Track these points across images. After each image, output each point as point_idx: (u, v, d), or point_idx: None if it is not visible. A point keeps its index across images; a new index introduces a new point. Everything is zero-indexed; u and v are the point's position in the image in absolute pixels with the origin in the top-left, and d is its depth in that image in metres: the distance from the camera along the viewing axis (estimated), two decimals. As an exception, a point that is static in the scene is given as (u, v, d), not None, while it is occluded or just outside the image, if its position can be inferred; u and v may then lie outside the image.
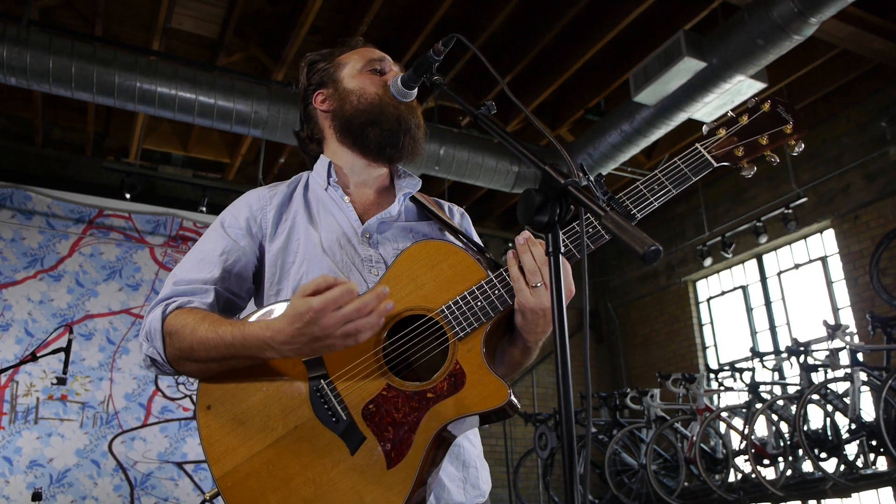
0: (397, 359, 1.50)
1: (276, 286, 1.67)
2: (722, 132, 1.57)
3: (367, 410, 1.46)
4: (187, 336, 1.50)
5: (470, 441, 1.67)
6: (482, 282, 1.50)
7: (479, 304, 1.48)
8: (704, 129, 1.58)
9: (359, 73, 1.81)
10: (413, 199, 1.82)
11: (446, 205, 1.91)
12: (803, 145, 1.58)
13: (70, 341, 4.95)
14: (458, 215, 1.91)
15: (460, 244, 1.64)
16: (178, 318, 1.54)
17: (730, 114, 1.59)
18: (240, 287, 1.69)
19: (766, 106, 1.58)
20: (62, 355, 4.84)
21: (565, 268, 1.45)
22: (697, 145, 1.56)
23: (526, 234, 1.48)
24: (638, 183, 1.53)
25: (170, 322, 1.55)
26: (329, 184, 1.78)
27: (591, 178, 1.26)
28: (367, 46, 1.89)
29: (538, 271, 1.44)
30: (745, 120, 1.57)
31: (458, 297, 1.50)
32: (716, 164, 1.56)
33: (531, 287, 1.44)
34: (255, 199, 1.77)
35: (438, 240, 1.60)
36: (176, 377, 7.30)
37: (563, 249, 1.12)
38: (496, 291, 1.49)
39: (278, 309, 1.54)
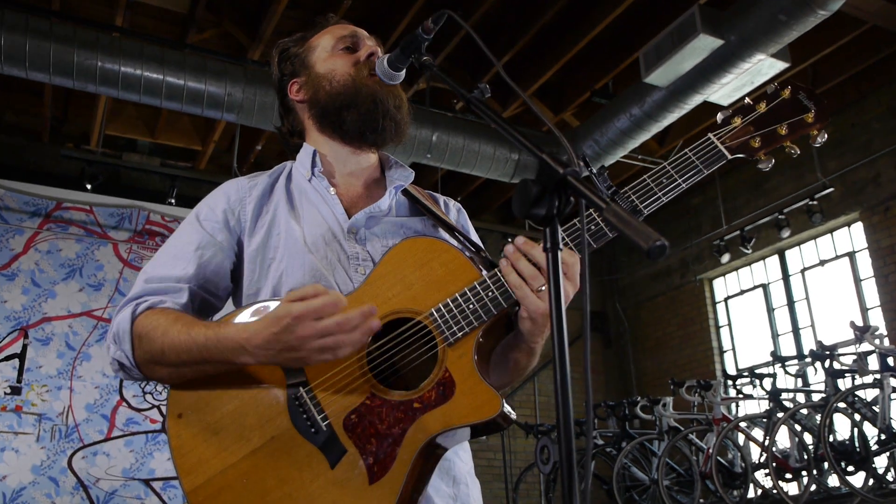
0: (383, 365, 1.51)
1: (256, 284, 1.68)
2: (737, 121, 1.56)
3: (349, 421, 1.47)
4: (158, 338, 1.51)
5: (459, 456, 1.68)
6: (475, 282, 1.51)
7: (471, 306, 1.49)
8: (718, 117, 1.58)
9: (329, 54, 1.82)
10: (405, 192, 1.83)
11: (441, 199, 1.92)
12: (826, 136, 1.57)
13: (25, 347, 4.95)
14: (454, 211, 1.92)
15: (454, 242, 1.65)
16: (149, 320, 1.55)
17: (746, 101, 1.58)
18: (216, 285, 1.69)
19: (787, 92, 1.58)
20: (16, 362, 4.84)
21: (571, 260, 1.47)
22: (710, 135, 1.55)
23: (520, 239, 1.49)
24: (645, 176, 1.53)
25: (140, 323, 1.56)
26: (313, 174, 1.79)
27: (594, 171, 1.27)
28: (338, 24, 1.89)
29: (539, 274, 1.45)
30: (762, 107, 1.57)
31: (448, 299, 1.50)
32: (730, 156, 1.56)
33: (536, 292, 1.45)
34: (234, 191, 1.77)
35: (429, 236, 1.61)
36: (142, 386, 7.29)
37: (562, 246, 1.13)
38: (490, 293, 1.49)
39: (254, 310, 1.55)
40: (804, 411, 6.65)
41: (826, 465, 6.32)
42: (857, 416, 6.19)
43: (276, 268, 1.66)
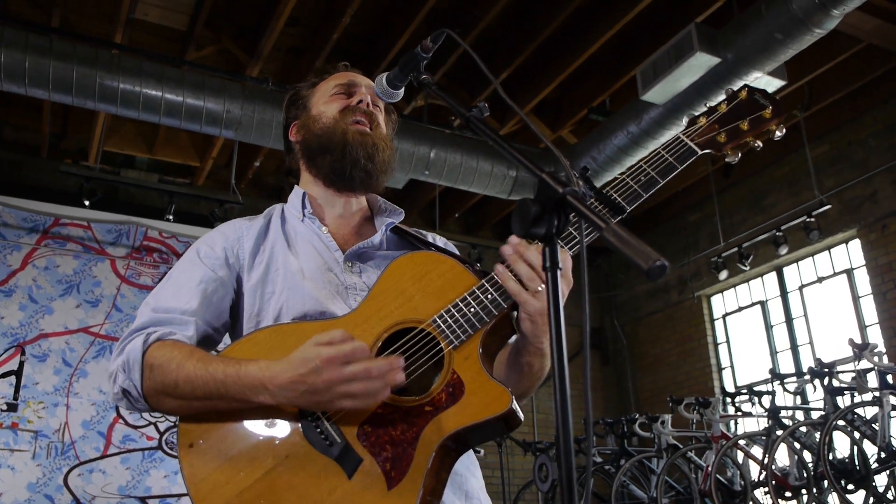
0: None
1: (256, 318, 1.71)
2: (702, 120, 1.72)
3: (363, 431, 1.49)
4: (172, 371, 1.52)
5: (472, 472, 1.71)
6: (474, 287, 1.56)
7: (472, 310, 1.53)
8: (684, 120, 1.76)
9: (326, 98, 1.89)
10: (395, 230, 1.89)
11: (430, 235, 1.96)
12: (784, 129, 1.73)
13: (22, 363, 4.94)
14: (441, 242, 1.95)
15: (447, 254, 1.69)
16: (162, 351, 1.56)
17: (708, 105, 1.77)
18: (217, 320, 1.72)
19: (744, 94, 1.75)
20: (13, 379, 4.83)
21: (563, 256, 1.48)
22: (679, 134, 1.70)
23: (514, 238, 1.52)
24: (623, 175, 1.64)
25: (152, 354, 1.57)
26: (304, 215, 1.84)
27: (576, 173, 1.29)
28: (346, 72, 1.95)
29: (535, 276, 1.50)
30: (723, 108, 1.74)
31: (449, 306, 1.55)
32: (700, 152, 1.68)
33: (535, 293, 1.50)
34: (232, 230, 1.82)
35: (421, 251, 1.65)
36: (139, 403, 7.25)
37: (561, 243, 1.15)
38: (489, 296, 1.54)
39: (257, 338, 1.59)
40: (803, 429, 6.63)
41: (826, 483, 6.29)
42: (857, 434, 6.17)
43: (277, 300, 1.69)
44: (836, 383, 6.45)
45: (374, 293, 1.60)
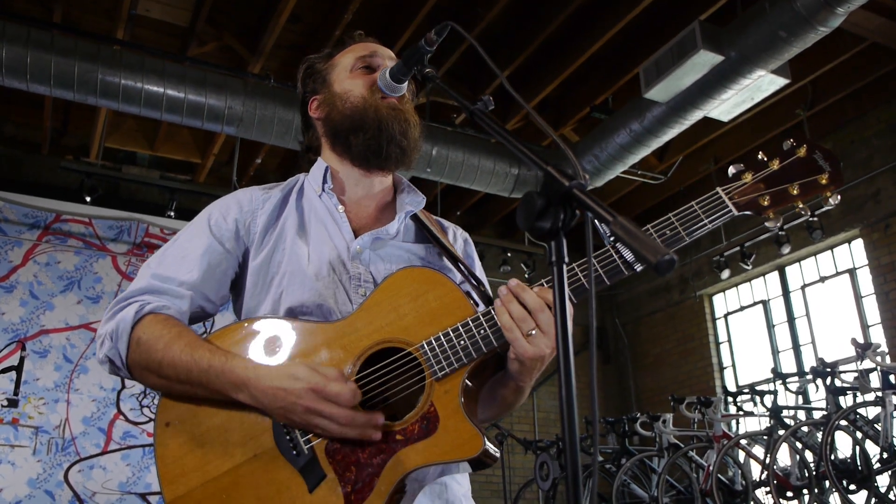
0: (370, 393, 1.52)
1: (256, 298, 1.69)
2: (748, 177, 1.54)
3: (331, 447, 1.48)
4: (159, 350, 1.52)
5: (456, 479, 1.68)
6: (468, 319, 1.51)
7: (461, 343, 1.49)
8: (730, 171, 1.55)
9: (348, 73, 1.82)
10: (415, 217, 1.84)
11: (451, 228, 1.92)
12: (839, 198, 1.56)
13: (22, 359, 4.93)
14: (461, 241, 1.92)
15: (454, 275, 1.66)
16: (153, 328, 1.55)
17: (760, 156, 1.56)
18: (216, 293, 1.70)
19: (803, 151, 1.54)
20: (13, 374, 4.82)
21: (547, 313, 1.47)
22: (718, 190, 1.54)
23: (513, 281, 1.49)
24: (648, 227, 1.54)
25: (142, 328, 1.56)
26: (324, 190, 1.80)
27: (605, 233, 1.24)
28: (364, 41, 1.89)
29: (529, 318, 1.45)
30: (775, 165, 1.55)
31: (440, 333, 1.51)
32: (737, 213, 1.54)
33: (526, 336, 1.45)
34: (248, 201, 1.78)
35: (427, 267, 1.61)
36: (140, 399, 7.26)
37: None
38: (482, 331, 1.49)
39: (249, 328, 1.59)
40: (805, 429, 6.62)
41: (827, 483, 6.28)
42: (859, 434, 6.15)
43: (278, 284, 1.67)
44: (838, 383, 6.43)
45: (370, 303, 1.58)
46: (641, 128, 6.99)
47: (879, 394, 6.12)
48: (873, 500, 6.00)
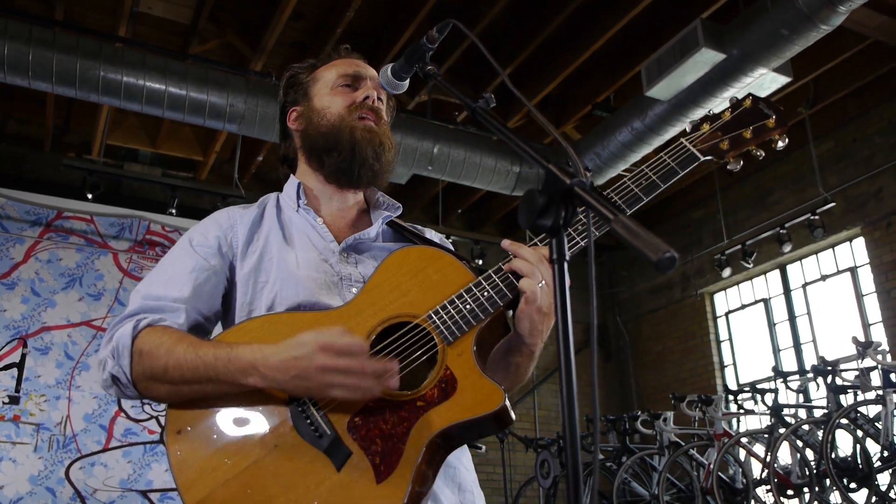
0: None
1: (248, 307, 1.69)
2: (706, 127, 1.73)
3: (353, 424, 1.48)
4: (162, 356, 1.51)
5: (464, 464, 1.69)
6: (470, 284, 1.55)
7: (468, 306, 1.53)
8: (687, 125, 1.75)
9: (329, 89, 1.85)
10: (391, 223, 1.87)
11: (427, 231, 1.94)
12: (787, 139, 1.74)
13: (24, 356, 4.94)
14: (437, 239, 1.92)
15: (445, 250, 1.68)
16: (152, 337, 1.55)
17: (711, 111, 1.78)
18: (209, 309, 1.71)
19: (748, 102, 1.75)
20: (15, 371, 4.82)
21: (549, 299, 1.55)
22: (682, 140, 1.71)
23: (506, 241, 1.57)
24: (625, 179, 1.63)
25: (142, 340, 1.55)
26: (299, 206, 1.82)
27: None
28: (349, 57, 1.92)
29: (535, 269, 1.51)
30: (727, 115, 1.74)
31: (445, 302, 1.54)
32: (702, 158, 1.70)
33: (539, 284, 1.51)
34: (225, 218, 1.80)
35: (419, 245, 1.64)
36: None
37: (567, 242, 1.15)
38: (485, 293, 1.54)
39: (248, 327, 1.59)
40: (806, 427, 6.62)
41: (828, 481, 6.28)
42: (860, 433, 6.15)
43: (270, 290, 1.67)
44: (839, 381, 6.43)
45: (370, 286, 1.60)
46: (643, 126, 6.99)
47: (880, 392, 6.12)
48: (874, 498, 6.00)
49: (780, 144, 1.72)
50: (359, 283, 1.69)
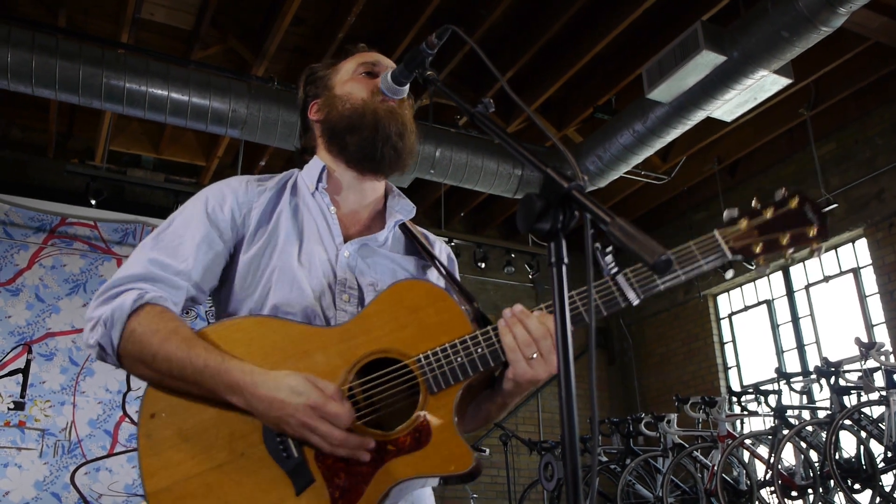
0: (363, 402, 1.52)
1: (244, 291, 1.68)
2: (744, 223, 1.61)
3: (321, 452, 1.47)
4: (154, 343, 1.51)
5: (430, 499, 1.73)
6: (466, 336, 1.53)
7: (459, 360, 1.51)
8: (725, 215, 1.63)
9: (350, 77, 1.84)
10: (404, 227, 1.86)
11: (437, 242, 1.93)
12: (823, 249, 1.64)
13: (29, 362, 4.95)
14: (445, 257, 1.92)
15: (450, 292, 1.66)
16: (149, 321, 1.54)
17: (754, 204, 1.64)
18: (208, 283, 1.70)
19: (794, 203, 1.62)
20: (20, 377, 4.84)
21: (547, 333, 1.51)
22: (716, 232, 1.60)
23: (518, 307, 1.52)
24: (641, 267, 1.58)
25: (138, 319, 1.54)
26: (317, 188, 1.80)
27: (599, 252, 1.30)
28: (367, 52, 1.91)
29: (532, 343, 1.48)
30: (769, 213, 1.62)
31: (438, 349, 1.52)
32: (730, 257, 1.60)
33: (528, 359, 1.48)
34: (243, 192, 1.77)
35: (427, 281, 1.63)
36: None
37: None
38: (479, 350, 1.51)
39: (242, 325, 1.59)
40: (810, 428, 6.61)
41: (832, 482, 6.27)
42: (864, 434, 6.14)
43: (266, 280, 1.67)
44: (842, 382, 6.42)
45: (368, 312, 1.58)
46: (644, 128, 6.99)
47: (884, 393, 6.11)
48: (878, 499, 5.99)
49: (817, 255, 1.63)
50: (352, 290, 1.68)
